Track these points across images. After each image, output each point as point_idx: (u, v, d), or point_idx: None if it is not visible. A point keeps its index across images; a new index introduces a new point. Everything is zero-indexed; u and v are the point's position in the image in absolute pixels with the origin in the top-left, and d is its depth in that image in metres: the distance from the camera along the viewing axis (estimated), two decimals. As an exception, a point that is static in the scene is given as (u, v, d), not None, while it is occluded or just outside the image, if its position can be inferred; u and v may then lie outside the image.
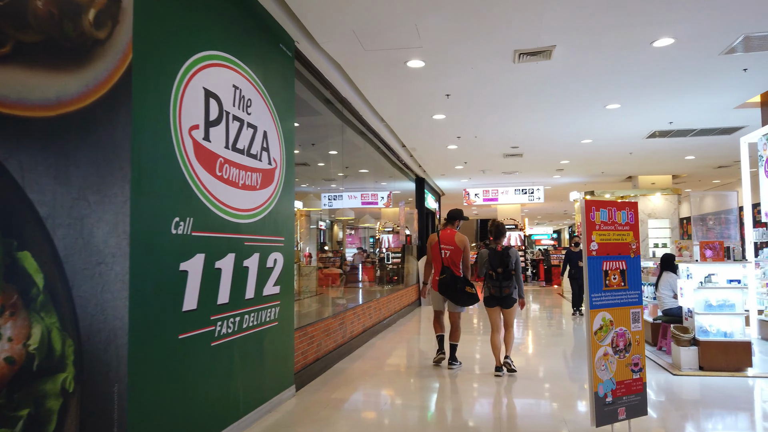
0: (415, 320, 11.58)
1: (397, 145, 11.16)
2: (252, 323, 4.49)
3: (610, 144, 11.14)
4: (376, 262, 15.61)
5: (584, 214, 3.80)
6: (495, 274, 5.95)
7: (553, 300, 15.89)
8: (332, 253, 17.79)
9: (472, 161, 13.07)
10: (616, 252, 3.89)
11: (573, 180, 16.65)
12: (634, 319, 3.94)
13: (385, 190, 14.65)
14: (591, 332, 3.76)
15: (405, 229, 14.46)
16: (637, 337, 3.95)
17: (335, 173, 13.32)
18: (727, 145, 11.34)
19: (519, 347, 7.95)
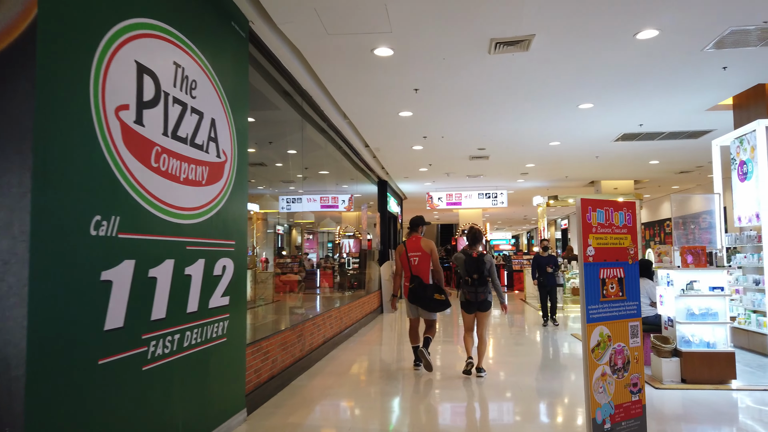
0: (377, 329, 11.03)
1: (360, 145, 10.62)
2: (195, 341, 3.85)
3: (578, 147, 10.90)
4: (336, 267, 15.00)
5: (580, 215, 3.34)
6: (470, 279, 6.08)
7: (516, 306, 15.63)
8: (290, 258, 17.07)
9: (437, 163, 12.64)
10: (614, 258, 3.44)
11: (536, 184, 16.46)
12: (633, 334, 3.50)
13: (346, 193, 14.06)
14: (588, 350, 3.29)
15: (367, 233, 13.91)
16: (635, 353, 3.51)
17: (294, 174, 12.67)
18: (693, 149, 11.26)
19: (492, 366, 7.50)
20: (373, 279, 13.98)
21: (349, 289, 12.99)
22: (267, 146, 10.08)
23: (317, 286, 13.55)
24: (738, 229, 8.09)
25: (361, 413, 5.04)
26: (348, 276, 13.09)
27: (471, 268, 6.07)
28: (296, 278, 10.50)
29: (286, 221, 18.95)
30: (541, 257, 10.78)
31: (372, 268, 14.08)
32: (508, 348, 8.52)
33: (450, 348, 8.52)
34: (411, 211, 24.43)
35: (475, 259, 6.06)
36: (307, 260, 14.16)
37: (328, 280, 13.91)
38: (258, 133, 8.95)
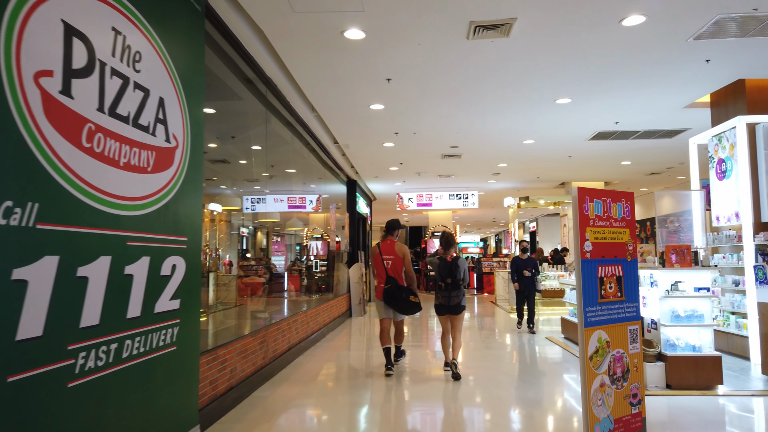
0: (345, 333, 10.56)
1: (328, 141, 10.16)
2: (137, 351, 3.34)
3: (552, 145, 10.67)
4: (303, 270, 14.47)
5: (577, 206, 2.97)
6: (444, 284, 6.18)
7: (486, 308, 15.36)
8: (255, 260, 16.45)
9: (409, 162, 12.27)
10: (612, 254, 3.09)
11: (507, 185, 16.25)
12: (632, 338, 3.16)
13: (314, 193, 13.56)
14: (586, 357, 2.92)
15: (335, 235, 13.45)
16: (635, 360, 3.16)
17: (259, 173, 12.12)
18: (666, 150, 11.17)
19: (466, 371, 7.14)
20: (342, 282, 13.51)
21: (317, 292, 12.49)
22: (229, 141, 9.54)
23: (284, 290, 13.03)
24: (716, 229, 7.92)
25: (329, 426, 4.59)
26: (315, 279, 12.58)
27: (445, 272, 6.17)
28: (260, 281, 9.97)
29: (251, 222, 18.31)
30: (519, 260, 9.99)
31: (340, 270, 13.62)
32: (480, 353, 8.17)
33: (420, 352, 8.13)
34: (381, 212, 24.01)
35: (449, 263, 6.18)
36: (271, 263, 13.61)
37: (295, 283, 13.40)
38: (219, 126, 8.41)
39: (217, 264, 11.80)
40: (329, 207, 12.24)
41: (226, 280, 10.88)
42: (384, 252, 6.52)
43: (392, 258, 6.48)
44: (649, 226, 18.08)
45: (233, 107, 7.43)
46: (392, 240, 6.68)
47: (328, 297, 11.79)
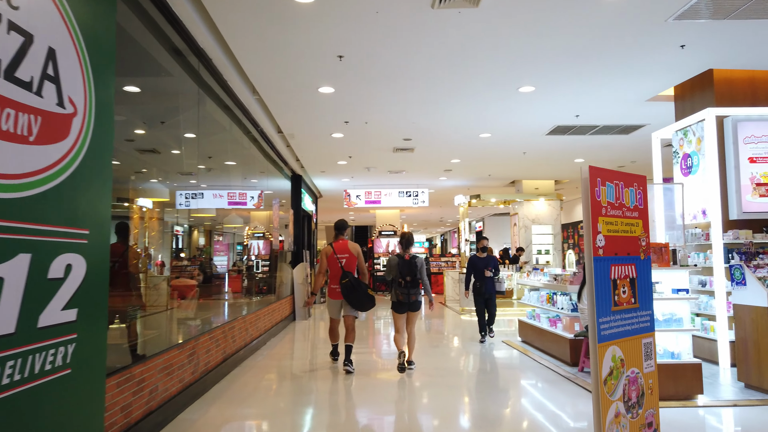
0: (288, 339, 9.75)
1: (272, 130, 9.32)
2: (10, 379, 2.49)
3: (508, 140, 10.23)
4: (244, 271, 13.51)
5: (588, 190, 2.36)
6: (404, 281, 6.36)
7: (435, 310, 14.86)
8: (189, 260, 15.31)
9: (358, 156, 11.57)
10: (625, 251, 2.51)
11: (458, 183, 15.82)
12: (647, 354, 2.59)
13: (255, 189, 12.65)
14: (599, 382, 2.31)
15: (279, 233, 12.57)
16: (650, 381, 2.58)
17: (194, 165, 11.12)
18: (621, 147, 10.95)
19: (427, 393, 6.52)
20: (285, 283, 12.66)
21: (259, 294, 11.59)
22: (159, 127, 8.53)
23: (222, 293, 12.03)
24: (680, 226, 7.63)
25: (269, 460, 3.83)
26: (257, 280, 11.68)
27: (404, 270, 6.37)
28: (192, 283, 9.00)
29: (186, 220, 17.11)
30: (478, 259, 8.86)
31: (284, 271, 12.75)
32: (434, 360, 7.56)
33: (368, 359, 7.45)
34: (327, 210, 23.19)
35: (408, 261, 6.39)
36: (213, 264, 12.56)
37: (234, 285, 12.43)
38: (146, 108, 7.42)
39: (146, 264, 10.71)
40: (272, 203, 11.37)
41: (155, 282, 9.83)
42: (338, 251, 6.70)
43: (346, 256, 6.69)
44: (579, 228, 18.11)
45: (161, 85, 6.51)
46: (344, 239, 6.88)
47: (270, 300, 10.94)
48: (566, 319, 6.94)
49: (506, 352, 7.95)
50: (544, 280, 7.83)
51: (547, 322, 7.69)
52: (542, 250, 15.24)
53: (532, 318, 8.43)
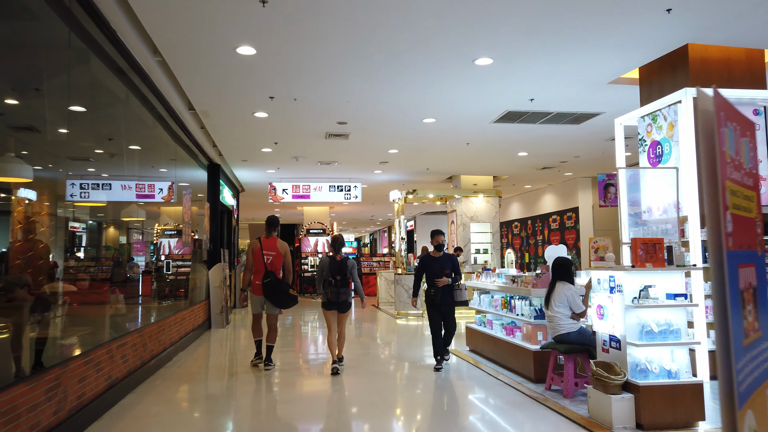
0: (201, 352, 8.32)
1: (181, 106, 7.86)
2: None
3: (453, 127, 9.26)
4: (153, 272, 11.82)
5: (712, 131, 1.27)
6: (334, 281, 6.33)
7: (366, 312, 13.77)
8: (94, 261, 13.33)
9: (285, 142, 10.24)
10: (746, 243, 1.45)
11: (393, 177, 14.80)
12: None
13: (165, 180, 11.02)
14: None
15: (192, 229, 11.02)
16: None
17: (90, 148, 9.38)
18: (568, 139, 10.28)
19: (364, 401, 5.37)
20: (199, 286, 11.12)
21: (167, 299, 10.00)
22: (33, 96, 6.85)
23: (122, 299, 10.30)
24: (643, 222, 6.90)
25: None
26: (166, 283, 10.09)
27: (335, 270, 6.38)
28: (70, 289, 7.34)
29: (86, 215, 15.02)
30: (431, 259, 6.76)
31: (198, 272, 11.21)
32: (368, 376, 6.43)
33: (295, 364, 6.23)
34: (250, 206, 21.52)
35: (339, 262, 6.43)
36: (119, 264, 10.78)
37: (136, 290, 10.74)
38: (9, 68, 5.80)
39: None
40: (183, 193, 9.82)
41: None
42: (265, 248, 6.70)
43: (273, 254, 6.70)
44: (513, 226, 17.67)
45: (26, 34, 4.99)
46: (274, 237, 6.86)
47: (180, 306, 9.43)
48: (527, 327, 6.00)
49: (454, 364, 6.95)
50: (498, 283, 6.89)
51: (502, 330, 6.75)
52: (481, 250, 14.50)
53: (482, 324, 7.49)
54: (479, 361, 7.06)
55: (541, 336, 5.88)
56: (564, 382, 5.10)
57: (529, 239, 18.63)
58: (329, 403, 5.34)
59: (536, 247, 17.98)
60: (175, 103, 7.59)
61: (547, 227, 17.29)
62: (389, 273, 15.92)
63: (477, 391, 5.65)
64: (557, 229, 16.58)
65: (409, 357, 7.72)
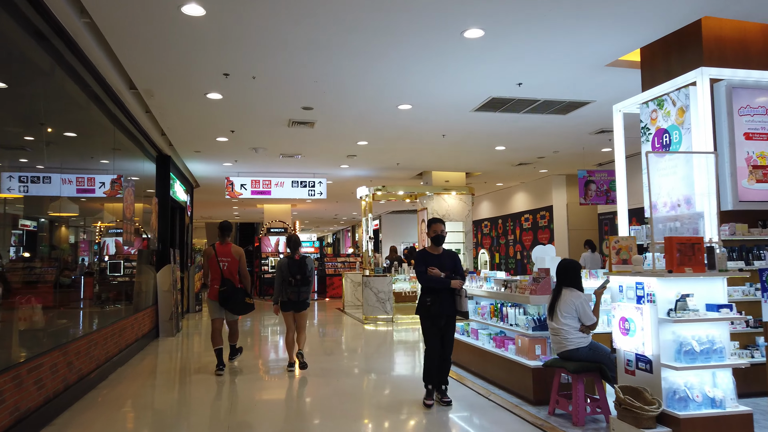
0: (146, 367, 7.26)
1: (120, 84, 6.78)
2: None
3: (430, 116, 8.44)
4: (96, 274, 10.59)
5: None
6: (294, 280, 6.32)
7: (329, 316, 12.84)
8: (43, 262, 11.94)
9: (243, 130, 9.22)
10: None
11: (360, 173, 13.91)
12: None
13: (107, 173, 9.82)
14: None
15: (135, 227, 9.87)
16: None
17: (19, 136, 8.14)
18: (551, 132, 9.60)
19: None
20: (146, 290, 9.98)
21: (106, 306, 8.84)
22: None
23: (57, 305, 9.07)
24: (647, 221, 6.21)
25: None
26: (106, 288, 8.93)
27: (295, 269, 6.39)
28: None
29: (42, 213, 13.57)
30: (431, 256, 5.37)
31: (145, 275, 10.06)
32: (337, 399, 5.53)
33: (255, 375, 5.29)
34: (205, 203, 20.22)
35: (297, 261, 6.45)
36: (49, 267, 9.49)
37: (70, 296, 9.51)
38: None
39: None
40: (124, 188, 8.67)
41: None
42: (220, 254, 6.64)
43: (228, 260, 6.62)
44: (483, 225, 17.03)
45: None
46: (228, 242, 6.83)
47: (122, 313, 8.31)
48: (523, 340, 5.21)
49: (437, 382, 6.11)
50: (486, 288, 6.09)
51: (490, 342, 5.95)
52: (453, 250, 13.72)
53: (464, 334, 6.68)
54: (463, 375, 6.24)
55: (540, 350, 5.11)
56: (573, 407, 4.32)
57: (500, 239, 18.03)
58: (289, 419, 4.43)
59: (507, 247, 17.38)
60: (113, 78, 6.51)
61: (519, 226, 16.70)
62: (355, 274, 15.01)
63: (468, 414, 4.82)
64: (530, 229, 16.00)
65: (382, 369, 6.85)
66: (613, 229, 12.62)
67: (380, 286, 11.69)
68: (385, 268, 12.98)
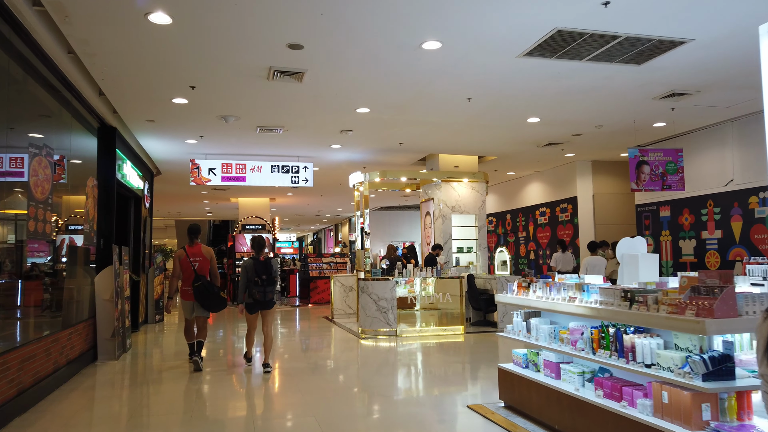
0: (76, 405, 4.92)
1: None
2: None
3: (461, 61, 6.24)
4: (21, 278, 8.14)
5: None
6: (260, 280, 6.51)
7: (313, 326, 10.56)
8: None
9: (208, 85, 6.90)
10: None
11: (353, 156, 11.66)
12: None
13: (21, 149, 7.37)
14: None
15: (51, 213, 7.48)
16: None
17: None
18: (604, 95, 7.49)
19: None
20: (81, 300, 7.59)
21: (13, 318, 6.40)
22: None
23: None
24: None
25: None
26: (11, 297, 6.50)
27: (260, 269, 6.52)
28: None
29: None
30: None
31: (81, 278, 7.67)
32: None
33: None
34: (171, 196, 17.64)
35: (263, 262, 6.58)
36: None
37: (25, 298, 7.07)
38: None
39: None
40: (32, 156, 6.25)
41: None
42: (191, 254, 6.89)
43: (199, 259, 6.89)
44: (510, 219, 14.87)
45: None
46: (198, 243, 7.06)
47: (46, 326, 5.97)
48: (677, 393, 3.03)
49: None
50: (584, 301, 3.89)
51: (587, 386, 3.78)
52: (464, 248, 11.59)
53: (531, 368, 4.51)
54: (526, 429, 4.06)
55: (709, 412, 2.94)
56: None
57: (508, 236, 15.92)
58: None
59: (517, 246, 15.29)
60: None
61: (532, 222, 14.61)
62: (347, 277, 12.75)
63: None
64: (546, 224, 13.92)
65: (401, 410, 4.62)
66: (657, 223, 10.58)
67: (381, 292, 9.47)
68: (384, 269, 10.75)
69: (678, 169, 9.00)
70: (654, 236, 10.66)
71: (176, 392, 5.98)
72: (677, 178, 9.00)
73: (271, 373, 6.59)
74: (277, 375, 6.64)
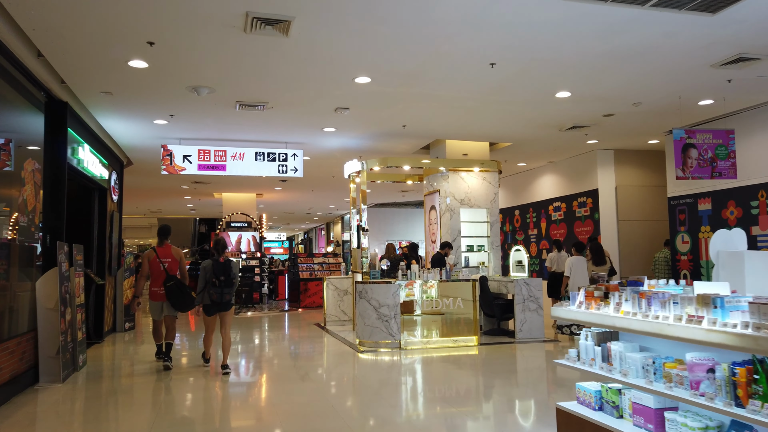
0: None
1: None
2: None
3: (491, 3, 4.90)
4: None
5: None
6: (218, 281, 6.46)
7: (303, 336, 9.18)
8: None
9: (169, 39, 5.50)
10: None
11: (349, 141, 10.29)
12: None
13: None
14: None
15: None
16: None
17: None
18: (655, 60, 6.19)
19: None
20: (18, 309, 6.16)
21: None
22: None
23: None
24: None
25: None
26: None
27: (219, 271, 6.48)
28: None
29: None
30: None
31: (13, 283, 6.23)
32: None
33: None
34: (147, 191, 16.12)
35: (222, 263, 6.54)
36: None
37: None
38: None
39: None
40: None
41: None
42: (161, 255, 7.04)
43: (169, 260, 7.05)
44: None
45: None
46: (168, 244, 7.18)
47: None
48: None
49: None
50: (720, 323, 2.54)
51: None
52: (474, 247, 10.26)
53: (604, 410, 3.17)
54: None
55: None
56: None
57: (516, 234, 14.62)
58: None
59: (527, 245, 13.98)
60: None
61: (545, 218, 13.31)
62: (341, 279, 11.38)
63: None
64: (562, 220, 12.62)
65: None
66: (695, 218, 9.30)
67: (382, 297, 8.10)
68: (384, 271, 9.38)
69: (729, 154, 7.73)
70: (691, 233, 9.38)
71: (131, 423, 4.59)
72: (728, 164, 7.72)
73: (230, 374, 6.53)
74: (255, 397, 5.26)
